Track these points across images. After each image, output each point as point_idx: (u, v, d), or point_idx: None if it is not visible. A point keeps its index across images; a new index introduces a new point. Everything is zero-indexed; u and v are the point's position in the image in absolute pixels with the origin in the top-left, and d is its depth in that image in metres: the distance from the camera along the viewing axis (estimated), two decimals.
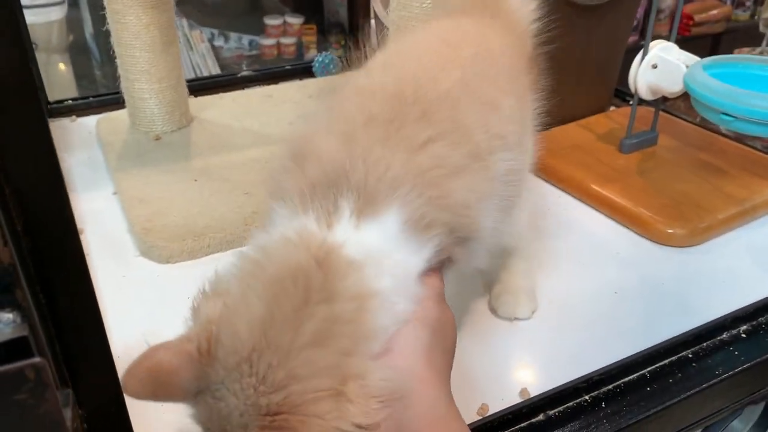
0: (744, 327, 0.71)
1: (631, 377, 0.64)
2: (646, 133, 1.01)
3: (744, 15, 2.70)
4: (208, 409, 0.40)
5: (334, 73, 1.27)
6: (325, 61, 1.29)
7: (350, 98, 0.53)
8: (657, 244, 0.84)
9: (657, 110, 1.00)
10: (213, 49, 2.38)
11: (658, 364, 0.66)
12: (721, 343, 0.69)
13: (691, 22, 2.54)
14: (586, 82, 1.08)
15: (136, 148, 1.00)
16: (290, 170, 0.48)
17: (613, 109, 1.15)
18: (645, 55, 0.92)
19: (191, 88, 1.10)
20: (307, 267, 0.41)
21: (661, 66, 0.90)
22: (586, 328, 0.71)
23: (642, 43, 0.92)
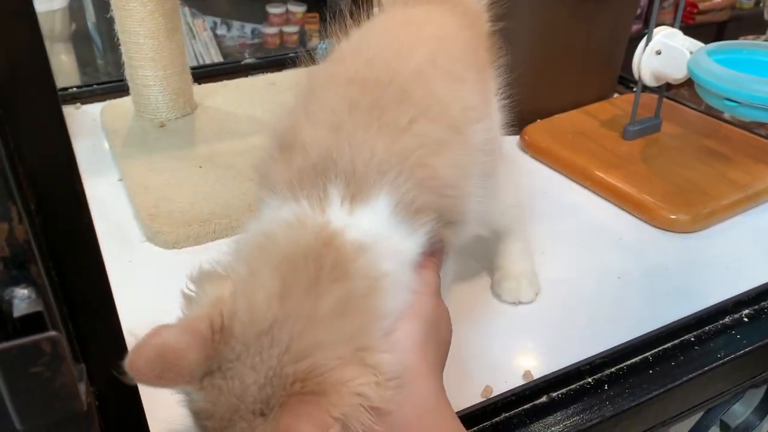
0: (746, 311, 0.71)
1: (633, 360, 0.65)
2: (650, 119, 1.01)
3: (749, 3, 2.68)
4: (217, 391, 0.40)
5: None
6: (330, 48, 1.28)
7: (327, 87, 0.53)
8: (660, 229, 0.84)
9: (660, 97, 1.00)
10: (215, 38, 2.37)
11: (660, 348, 0.66)
12: (723, 327, 0.69)
13: (695, 10, 2.52)
14: (589, 69, 1.08)
15: (140, 135, 1.01)
16: (277, 161, 0.49)
17: (617, 96, 1.15)
18: (649, 41, 0.91)
19: (195, 76, 1.10)
20: (316, 247, 0.42)
21: (665, 52, 0.90)
22: (589, 311, 0.71)
23: (646, 31, 0.92)
